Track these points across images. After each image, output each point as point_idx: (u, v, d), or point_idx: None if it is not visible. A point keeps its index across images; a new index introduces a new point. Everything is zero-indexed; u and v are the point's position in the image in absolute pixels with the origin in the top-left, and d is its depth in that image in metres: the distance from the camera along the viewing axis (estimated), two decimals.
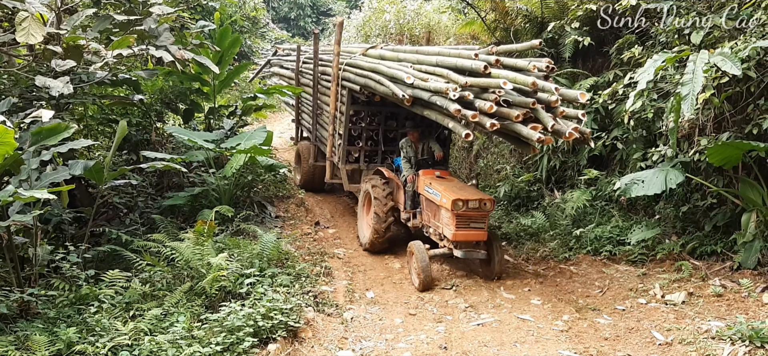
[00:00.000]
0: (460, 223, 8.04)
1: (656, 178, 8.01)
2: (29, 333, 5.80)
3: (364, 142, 10.60)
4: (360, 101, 10.06)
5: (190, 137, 10.23)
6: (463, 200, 7.94)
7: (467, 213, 7.99)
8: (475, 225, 8.09)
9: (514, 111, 7.01)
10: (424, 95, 7.74)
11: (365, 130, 10.54)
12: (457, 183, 8.83)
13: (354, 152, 10.58)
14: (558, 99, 7.27)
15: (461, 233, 8.06)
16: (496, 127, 6.94)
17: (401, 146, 9.52)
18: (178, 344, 5.76)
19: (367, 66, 9.33)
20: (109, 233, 8.35)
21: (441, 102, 7.36)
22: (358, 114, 10.42)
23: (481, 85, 7.33)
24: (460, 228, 8.04)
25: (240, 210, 10.06)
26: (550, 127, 7.02)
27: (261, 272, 7.64)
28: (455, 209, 7.94)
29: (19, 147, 6.80)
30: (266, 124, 15.46)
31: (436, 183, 8.60)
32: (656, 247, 8.51)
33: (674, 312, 6.82)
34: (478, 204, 8.01)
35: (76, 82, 8.64)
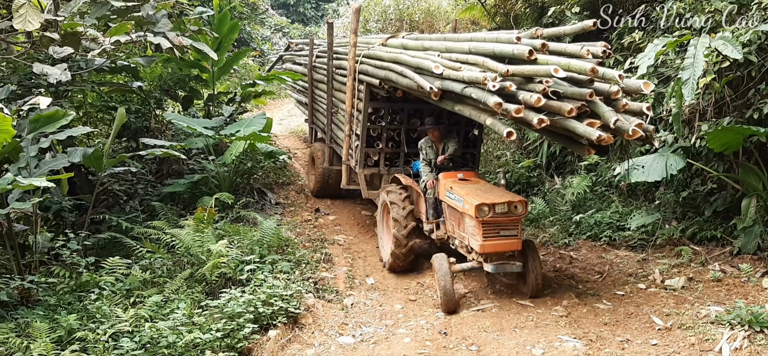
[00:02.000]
0: (487, 232, 6.91)
1: (656, 164, 7.99)
2: (30, 320, 5.82)
3: (385, 143, 9.25)
4: (379, 96, 8.83)
5: (189, 124, 10.21)
6: (488, 204, 6.83)
7: (495, 219, 6.87)
8: (506, 233, 6.96)
9: (567, 105, 5.79)
10: (456, 86, 6.60)
11: (386, 130, 9.19)
12: (482, 185, 7.67)
13: (373, 154, 9.29)
14: (620, 90, 6.08)
15: (490, 244, 6.92)
16: (545, 124, 5.75)
17: (420, 147, 8.40)
18: (179, 330, 5.77)
19: (387, 57, 8.14)
20: (109, 220, 8.35)
21: (477, 95, 6.19)
22: (377, 112, 9.11)
23: (525, 74, 6.15)
24: (488, 238, 6.92)
25: (240, 197, 10.06)
26: (613, 123, 5.75)
27: (261, 258, 7.65)
28: (480, 216, 6.83)
29: (17, 135, 6.80)
30: (266, 111, 15.43)
31: (459, 187, 7.48)
32: (656, 232, 8.51)
33: (674, 297, 6.83)
34: (507, 208, 6.87)
35: (74, 69, 8.61)
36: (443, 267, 7.07)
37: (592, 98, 5.97)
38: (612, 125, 5.79)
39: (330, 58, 10.69)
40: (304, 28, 29.45)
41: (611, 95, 6.11)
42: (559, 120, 5.90)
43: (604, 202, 9.82)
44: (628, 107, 6.22)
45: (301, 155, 14.80)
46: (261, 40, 23.32)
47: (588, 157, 6.72)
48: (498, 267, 6.97)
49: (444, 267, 7.06)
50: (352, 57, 9.00)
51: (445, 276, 7.00)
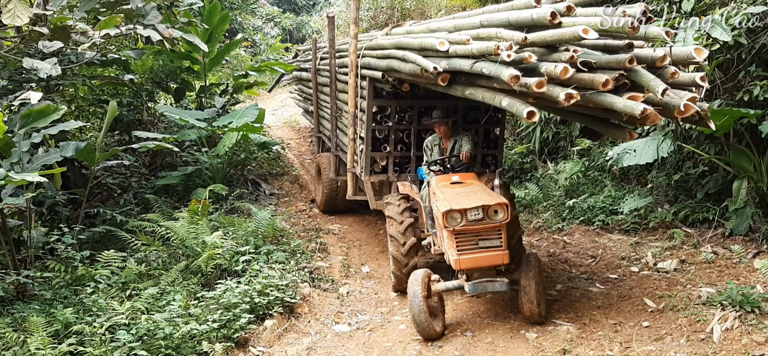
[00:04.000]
0: (463, 243, 5.84)
1: (648, 147, 8.04)
2: (26, 315, 5.83)
3: (393, 146, 8.09)
4: (384, 93, 7.82)
5: (181, 116, 10.20)
6: (459, 210, 5.75)
7: (470, 228, 5.79)
8: (487, 245, 5.84)
9: (601, 76, 4.68)
10: (464, 64, 5.55)
11: (393, 130, 8.03)
12: (474, 188, 6.37)
13: (380, 159, 8.17)
14: (667, 55, 4.94)
15: (467, 258, 5.82)
16: (575, 99, 4.68)
17: (424, 146, 7.38)
18: (175, 322, 5.80)
19: (389, 43, 7.16)
20: (103, 214, 8.35)
21: (489, 69, 5.17)
22: (383, 111, 8.03)
23: (548, 41, 5.04)
24: (464, 251, 5.83)
25: (234, 188, 10.07)
26: (661, 94, 4.63)
27: (256, 249, 7.67)
28: (450, 225, 5.78)
29: (9, 130, 6.79)
30: (258, 101, 15.42)
31: (444, 192, 6.33)
32: (648, 216, 8.57)
33: (666, 279, 6.89)
34: (482, 214, 5.74)
35: (64, 63, 8.58)
36: (415, 290, 5.87)
37: (632, 64, 4.82)
38: (659, 95, 4.64)
39: (332, 57, 9.80)
40: (296, 18, 29.31)
41: (656, 61, 4.93)
42: (593, 96, 4.76)
43: (597, 186, 9.87)
44: (678, 78, 5.01)
45: (294, 145, 14.81)
46: (252, 30, 23.22)
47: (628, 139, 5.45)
48: (477, 286, 5.83)
49: (416, 291, 5.85)
50: (353, 50, 7.99)
51: (414, 300, 5.82)
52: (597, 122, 5.55)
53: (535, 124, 11.45)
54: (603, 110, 4.94)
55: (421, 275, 6.00)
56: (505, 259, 5.85)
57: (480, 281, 5.85)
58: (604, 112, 5.02)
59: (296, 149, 14.51)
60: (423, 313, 5.78)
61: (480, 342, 5.86)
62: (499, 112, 7.87)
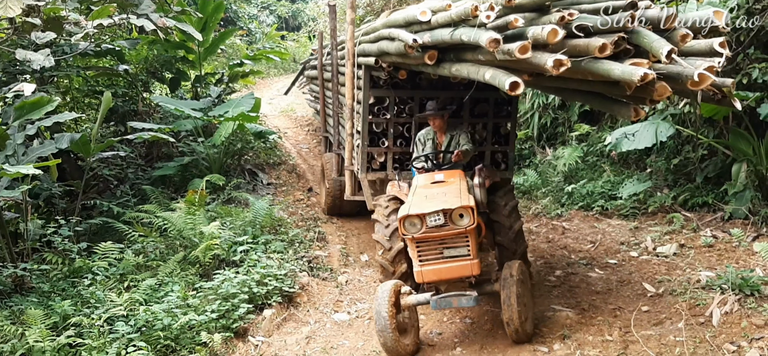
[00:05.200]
0: (424, 253, 5.18)
1: (647, 131, 8.01)
2: (24, 308, 5.81)
3: (392, 140, 7.45)
4: (381, 82, 7.21)
5: (177, 106, 10.15)
6: (417, 215, 5.08)
7: (431, 236, 5.10)
8: (453, 254, 5.16)
9: (597, 40, 4.06)
10: (445, 34, 5.00)
11: (392, 124, 7.40)
12: (450, 189, 5.59)
13: (378, 155, 7.49)
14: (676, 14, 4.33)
15: (431, 270, 5.17)
16: (566, 67, 4.06)
17: (416, 140, 6.78)
18: (174, 313, 5.78)
19: (381, 24, 6.55)
20: (100, 205, 8.32)
21: (468, 35, 4.63)
22: (380, 102, 7.37)
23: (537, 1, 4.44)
24: (426, 261, 5.17)
25: (231, 178, 10.03)
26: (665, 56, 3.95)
27: (254, 239, 7.64)
28: (408, 232, 5.11)
29: (3, 122, 6.75)
30: (254, 91, 15.35)
31: (416, 193, 5.66)
32: (648, 200, 8.55)
33: (665, 263, 6.88)
34: (442, 219, 5.04)
35: (58, 54, 8.52)
36: (380, 306, 5.24)
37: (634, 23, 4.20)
38: (664, 58, 3.98)
39: (333, 48, 9.36)
40: (292, 6, 29.15)
41: (665, 20, 4.32)
42: (588, 64, 4.14)
43: (596, 172, 9.85)
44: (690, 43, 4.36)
45: (291, 134, 14.75)
46: (247, 18, 23.09)
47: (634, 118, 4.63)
48: (441, 301, 5.19)
49: (382, 307, 5.23)
50: (350, 37, 7.50)
51: (381, 319, 5.20)
52: (599, 100, 4.91)
53: (534, 110, 11.42)
54: (603, 83, 4.41)
55: (388, 288, 5.35)
56: (474, 270, 5.15)
57: (444, 295, 5.20)
58: (606, 86, 4.47)
59: (293, 138, 14.45)
60: (389, 331, 5.17)
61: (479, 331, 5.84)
62: (510, 104, 7.36)
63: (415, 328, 5.59)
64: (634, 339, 5.23)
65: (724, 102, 4.66)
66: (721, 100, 4.64)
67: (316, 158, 12.98)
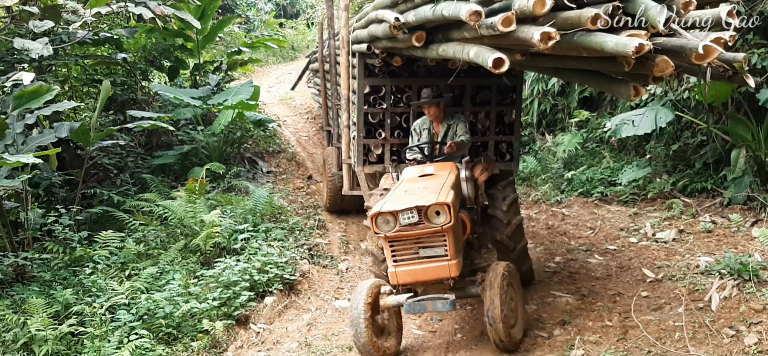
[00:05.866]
0: (399, 253, 4.84)
1: (646, 117, 8.01)
2: (26, 297, 5.82)
3: (389, 132, 7.05)
4: (377, 70, 6.83)
5: (176, 94, 10.14)
6: (390, 212, 4.72)
7: (405, 235, 4.75)
8: (429, 254, 4.81)
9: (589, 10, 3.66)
10: (427, 11, 4.70)
11: (389, 114, 7.00)
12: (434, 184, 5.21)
13: (375, 147, 7.09)
14: None
15: (405, 271, 4.84)
16: (555, 40, 3.71)
17: (412, 130, 6.48)
18: (175, 301, 5.81)
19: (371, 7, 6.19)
20: (100, 194, 8.32)
21: (450, 9, 4.32)
22: (376, 92, 6.99)
23: None
24: (400, 261, 4.85)
25: (230, 167, 10.04)
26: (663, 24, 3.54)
27: (254, 227, 7.66)
28: (381, 230, 4.78)
29: (2, 112, 6.74)
30: (253, 79, 15.31)
31: (397, 188, 5.34)
32: (647, 186, 8.56)
33: (665, 249, 6.91)
34: (416, 216, 4.67)
35: (56, 43, 8.49)
36: (357, 307, 4.96)
37: None
38: (661, 27, 3.55)
39: (331, 37, 9.06)
40: None
41: None
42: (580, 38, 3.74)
43: (596, 158, 9.86)
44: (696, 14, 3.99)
45: (290, 122, 14.74)
46: (246, 5, 22.97)
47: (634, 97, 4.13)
48: (414, 305, 4.84)
49: (358, 308, 4.95)
50: (345, 23, 7.21)
51: (357, 320, 4.93)
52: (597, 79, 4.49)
53: (533, 96, 11.41)
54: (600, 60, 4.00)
55: (366, 288, 5.07)
56: (452, 271, 4.79)
57: (418, 299, 4.87)
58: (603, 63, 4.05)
59: (292, 126, 14.44)
60: (363, 333, 4.88)
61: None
62: (514, 91, 6.95)
63: (397, 331, 5.28)
64: (633, 324, 5.26)
65: (736, 79, 4.24)
66: (733, 77, 4.23)
67: (315, 146, 12.98)
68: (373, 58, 6.50)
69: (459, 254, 4.92)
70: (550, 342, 5.11)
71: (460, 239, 5.12)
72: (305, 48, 21.94)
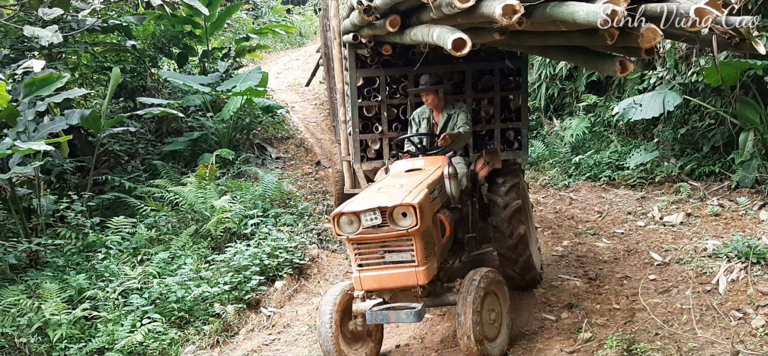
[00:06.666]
0: (363, 256, 4.44)
1: (654, 101, 8.00)
2: (40, 282, 5.91)
3: (387, 125, 6.60)
4: (368, 60, 6.37)
5: (185, 81, 10.20)
6: (352, 213, 4.33)
7: (369, 237, 4.35)
8: (395, 259, 4.39)
9: None
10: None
11: (385, 106, 6.56)
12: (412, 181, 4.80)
13: (372, 142, 6.65)
14: None
15: (370, 277, 4.44)
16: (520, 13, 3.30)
17: (410, 121, 6.09)
18: (187, 285, 5.89)
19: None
20: (111, 180, 8.41)
21: None
22: (370, 83, 6.56)
23: None
24: (365, 266, 4.44)
25: (240, 153, 10.10)
26: None
27: (264, 212, 7.72)
28: (343, 232, 4.38)
29: (13, 99, 6.80)
30: (261, 65, 15.34)
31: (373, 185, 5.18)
32: (655, 170, 8.56)
33: (672, 232, 6.92)
34: (380, 218, 4.27)
35: (65, 30, 8.55)
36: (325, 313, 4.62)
37: None
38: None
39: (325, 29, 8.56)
40: None
41: None
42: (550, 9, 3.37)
43: (603, 142, 9.85)
44: None
45: (299, 108, 14.77)
46: None
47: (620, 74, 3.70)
48: (378, 314, 4.39)
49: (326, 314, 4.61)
50: (335, 12, 6.65)
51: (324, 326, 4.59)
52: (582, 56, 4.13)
53: (541, 81, 11.39)
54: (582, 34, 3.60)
55: (336, 292, 4.74)
56: (420, 278, 4.35)
57: (382, 308, 4.45)
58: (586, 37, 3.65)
59: (301, 112, 14.47)
60: (330, 340, 4.55)
61: None
62: (519, 75, 6.52)
63: (374, 338, 4.89)
64: (641, 307, 5.28)
65: (744, 46, 3.83)
66: (740, 44, 3.80)
67: (323, 132, 13.02)
68: (363, 48, 6.05)
69: (431, 260, 4.48)
70: (557, 325, 5.14)
71: (435, 243, 4.63)
72: (312, 34, 21.92)
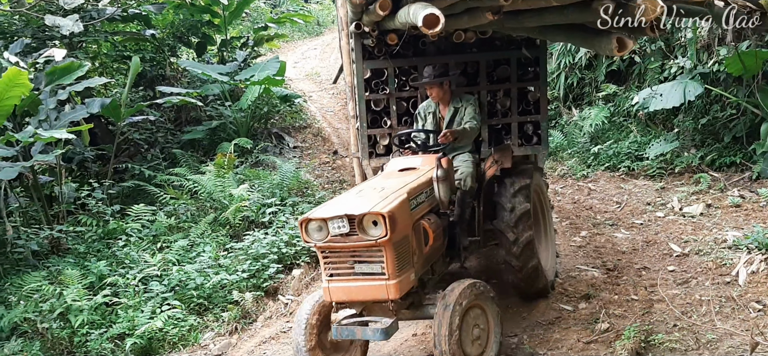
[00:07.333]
0: (332, 266, 4.09)
1: (675, 91, 7.92)
2: (61, 268, 6.00)
3: (396, 119, 6.25)
4: (376, 51, 6.11)
5: (204, 70, 10.25)
6: (320, 219, 4.00)
7: (337, 246, 4.00)
8: (365, 270, 4.01)
9: None
10: None
11: (393, 100, 6.23)
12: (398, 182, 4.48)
13: (381, 138, 6.31)
14: None
15: (339, 288, 4.08)
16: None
17: (416, 115, 5.70)
18: (206, 272, 5.95)
19: None
20: (131, 169, 8.50)
21: None
22: (378, 75, 6.27)
23: None
24: (334, 276, 4.09)
25: (258, 142, 10.15)
26: None
27: (282, 201, 7.76)
28: (311, 239, 4.06)
29: (35, 88, 6.88)
30: (279, 54, 15.37)
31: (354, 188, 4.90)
32: (675, 160, 8.48)
33: (692, 223, 6.86)
34: (347, 225, 3.92)
35: (86, 19, 8.63)
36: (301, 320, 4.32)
37: None
38: None
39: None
40: None
41: None
42: None
43: (623, 132, 9.77)
44: None
45: (316, 98, 14.79)
46: None
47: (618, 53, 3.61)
48: (343, 329, 4.04)
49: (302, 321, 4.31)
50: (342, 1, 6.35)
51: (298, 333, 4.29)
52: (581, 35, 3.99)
53: (560, 70, 11.30)
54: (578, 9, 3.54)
55: (314, 299, 4.41)
56: (391, 292, 3.96)
57: (349, 323, 4.08)
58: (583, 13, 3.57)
59: (318, 101, 14.48)
60: (303, 351, 4.26)
61: None
62: (537, 64, 6.09)
63: (357, 349, 4.50)
64: (659, 297, 5.26)
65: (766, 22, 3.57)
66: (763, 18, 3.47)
67: (340, 121, 13.02)
68: (367, 37, 5.76)
69: (405, 272, 4.09)
70: (574, 315, 5.13)
71: (414, 253, 4.24)
72: (330, 23, 21.90)
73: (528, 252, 5.07)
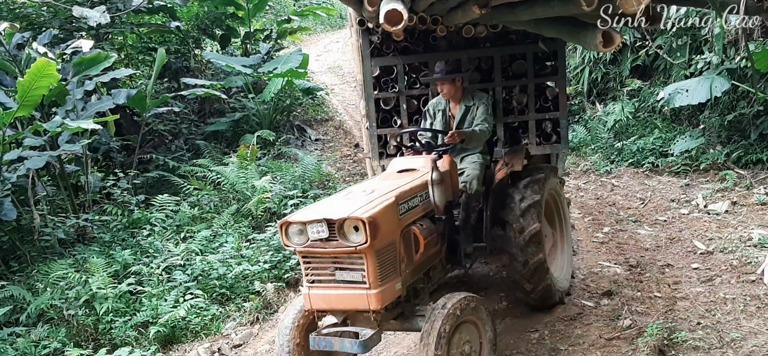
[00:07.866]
0: (313, 272, 3.85)
1: (701, 86, 7.81)
2: (87, 257, 6.11)
3: (406, 118, 6.04)
4: (384, 48, 5.92)
5: (228, 62, 10.33)
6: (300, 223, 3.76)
7: (317, 251, 3.77)
8: (346, 278, 3.77)
9: None
10: None
11: (404, 98, 6.02)
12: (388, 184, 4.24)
13: (391, 137, 6.06)
14: None
15: (319, 295, 3.84)
16: None
17: (425, 112, 5.47)
18: (228, 263, 6.02)
19: None
20: (156, 159, 8.61)
21: None
22: (387, 73, 6.11)
23: None
24: (315, 283, 3.85)
25: (280, 134, 10.21)
26: None
27: (303, 193, 7.81)
28: (291, 243, 3.83)
29: (62, 78, 6.99)
30: (302, 47, 15.43)
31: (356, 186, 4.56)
32: (700, 157, 8.38)
33: (717, 221, 6.77)
34: (326, 230, 3.68)
35: (112, 11, 8.74)
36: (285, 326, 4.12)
37: None
38: None
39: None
40: None
41: None
42: None
43: (647, 128, 9.67)
44: None
45: (338, 91, 14.82)
46: None
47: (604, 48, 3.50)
48: (320, 340, 3.85)
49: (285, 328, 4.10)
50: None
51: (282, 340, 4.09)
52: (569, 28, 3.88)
53: (584, 64, 11.21)
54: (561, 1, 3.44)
55: (299, 305, 4.18)
56: (372, 302, 3.70)
57: (326, 333, 3.91)
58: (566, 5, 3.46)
59: (340, 94, 14.51)
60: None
61: None
62: (555, 58, 5.87)
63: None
64: (683, 295, 5.20)
65: None
66: None
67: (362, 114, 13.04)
68: (373, 32, 5.67)
69: (390, 281, 3.83)
70: (596, 312, 5.10)
71: (401, 261, 3.98)
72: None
73: (533, 246, 4.78)
